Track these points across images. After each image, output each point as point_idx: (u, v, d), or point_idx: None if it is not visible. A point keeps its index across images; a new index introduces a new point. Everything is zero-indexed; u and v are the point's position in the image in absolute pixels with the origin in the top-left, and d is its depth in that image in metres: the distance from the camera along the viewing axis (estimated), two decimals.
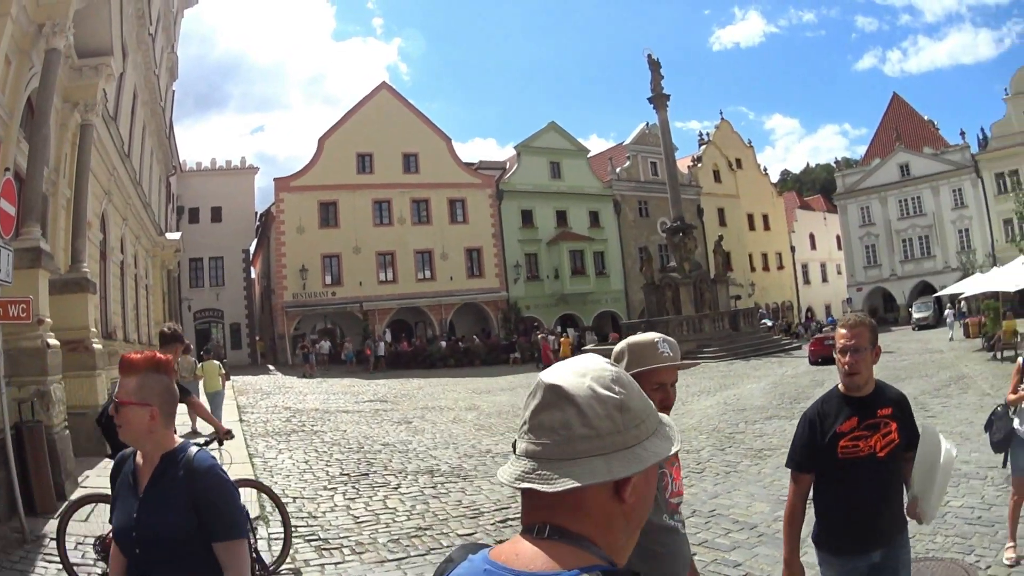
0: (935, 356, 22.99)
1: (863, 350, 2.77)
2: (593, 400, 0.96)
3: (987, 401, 12.38)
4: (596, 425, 0.95)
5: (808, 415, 2.90)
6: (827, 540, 2.86)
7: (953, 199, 48.43)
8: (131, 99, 19.41)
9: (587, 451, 0.94)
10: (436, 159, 38.79)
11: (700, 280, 33.66)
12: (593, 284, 42.21)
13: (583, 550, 0.93)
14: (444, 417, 15.08)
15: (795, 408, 13.46)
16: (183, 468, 2.06)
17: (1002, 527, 5.39)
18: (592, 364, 1.03)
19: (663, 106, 34.59)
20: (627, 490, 0.97)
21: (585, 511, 0.96)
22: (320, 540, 6.21)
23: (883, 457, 2.77)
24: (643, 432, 1.00)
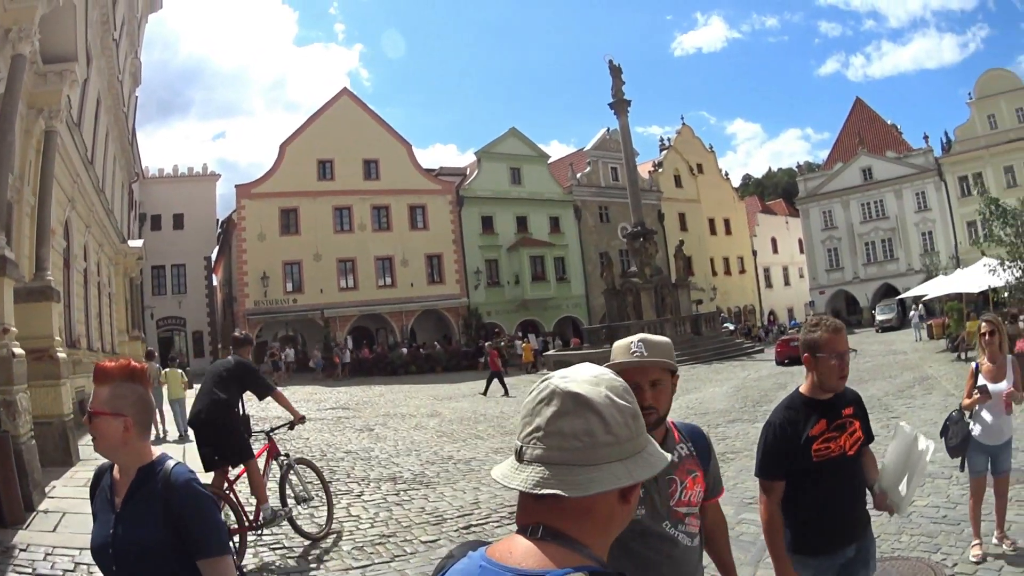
0: (899, 357, 23.83)
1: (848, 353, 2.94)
2: (613, 409, 1.05)
3: (951, 401, 13.08)
4: (617, 432, 1.04)
5: (774, 422, 2.96)
6: (804, 543, 2.91)
7: (916, 202, 51.09)
8: (95, 105, 19.82)
9: (608, 457, 1.03)
10: (396, 165, 40.25)
11: (661, 285, 34.80)
12: (554, 290, 43.92)
13: (574, 551, 1.01)
14: (406, 424, 15.57)
15: (758, 411, 13.99)
16: (160, 482, 2.05)
17: (968, 525, 5.63)
18: (602, 373, 1.12)
19: (624, 112, 35.65)
20: (633, 493, 1.08)
21: (591, 514, 1.04)
22: (284, 548, 6.42)
23: (852, 455, 2.93)
24: (646, 439, 1.11)
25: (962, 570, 5.07)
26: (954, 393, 13.71)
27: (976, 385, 5.22)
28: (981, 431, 5.20)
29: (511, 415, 16.49)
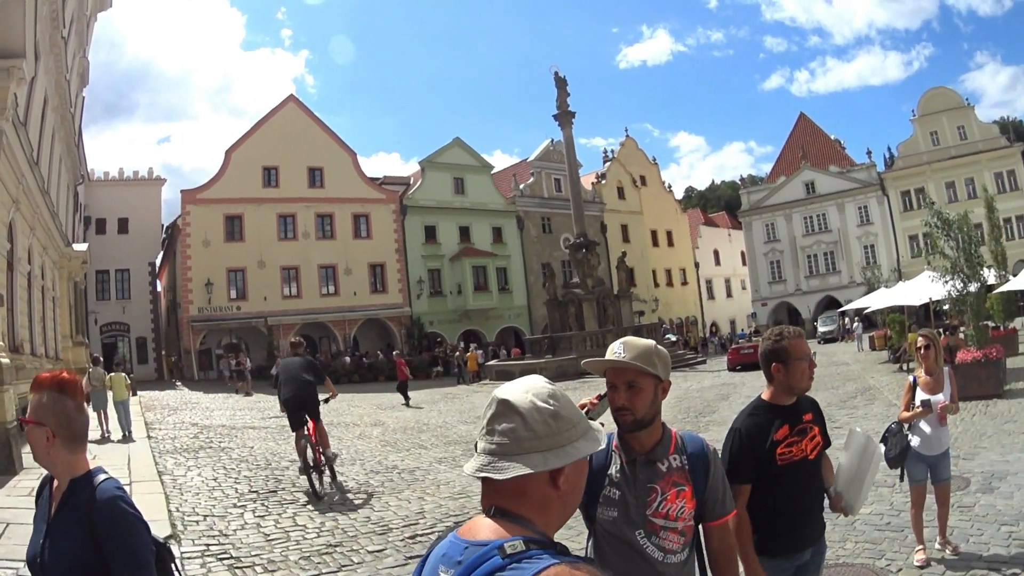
0: (841, 368, 25.76)
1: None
2: (534, 411, 1.43)
3: (893, 412, 14.49)
4: (536, 429, 1.41)
5: (740, 428, 3.24)
6: (766, 545, 3.16)
7: (859, 216, 57.18)
8: (41, 104, 20.45)
9: (529, 448, 1.40)
10: (341, 174, 44.04)
11: (603, 296, 37.55)
12: (496, 300, 48.05)
13: (519, 525, 1.37)
14: (350, 433, 16.62)
15: (701, 421, 15.08)
16: (87, 496, 2.15)
17: (910, 532, 6.17)
18: (535, 383, 1.52)
19: (568, 123, 38.84)
20: (560, 479, 1.43)
21: (526, 495, 1.42)
22: (232, 558, 6.84)
23: (814, 459, 3.26)
24: (573, 435, 1.46)
25: (907, 575, 5.55)
26: (896, 404, 15.03)
27: (914, 398, 5.83)
28: (920, 442, 5.74)
29: (454, 424, 18.07)
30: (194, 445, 14.25)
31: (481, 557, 1.28)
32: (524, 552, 1.26)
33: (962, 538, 6.13)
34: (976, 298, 17.46)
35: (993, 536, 6.20)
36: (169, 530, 7.59)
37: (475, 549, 1.31)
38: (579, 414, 1.52)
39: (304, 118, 43.71)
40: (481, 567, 1.26)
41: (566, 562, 1.24)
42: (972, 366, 14.75)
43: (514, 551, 1.26)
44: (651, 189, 61.36)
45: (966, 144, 52.62)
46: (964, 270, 17.17)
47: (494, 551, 1.27)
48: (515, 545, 1.28)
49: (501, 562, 1.24)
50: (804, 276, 58.87)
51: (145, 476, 10.59)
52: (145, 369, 39.17)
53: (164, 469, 11.41)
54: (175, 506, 8.88)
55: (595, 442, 1.51)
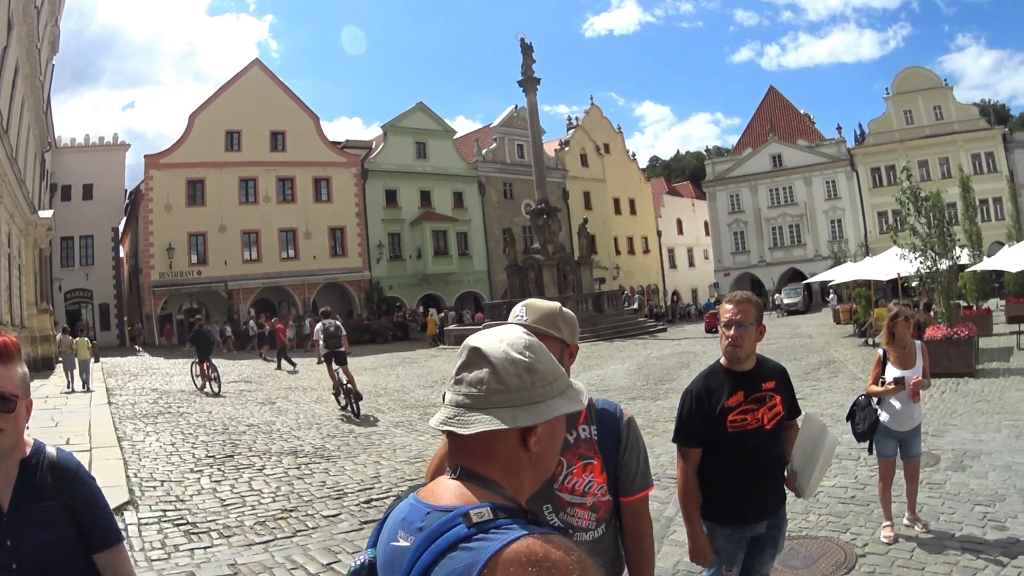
0: (804, 341, 27.61)
1: (747, 325, 3.44)
2: (507, 361, 1.41)
3: (858, 385, 14.73)
4: (507, 382, 1.39)
5: (693, 391, 3.51)
6: (715, 511, 3.46)
7: (826, 190, 62.06)
8: (12, 73, 21.57)
9: (498, 403, 1.37)
10: (303, 137, 47.64)
11: (564, 262, 40.23)
12: (456, 264, 52.34)
13: (487, 490, 1.35)
14: (307, 397, 17.80)
15: (660, 389, 15.99)
16: (48, 473, 2.07)
17: (877, 506, 6.53)
18: (511, 332, 1.50)
19: (533, 90, 41.42)
20: (532, 439, 1.40)
21: (494, 455, 1.39)
22: (188, 524, 7.23)
23: (770, 429, 3.48)
24: (549, 392, 1.44)
25: (873, 550, 5.83)
26: (861, 377, 15.95)
27: (884, 372, 6.13)
28: (890, 418, 6.04)
29: (412, 389, 19.30)
30: (153, 411, 15.52)
31: (444, 524, 1.27)
32: (491, 521, 1.25)
33: (932, 516, 6.48)
34: (947, 276, 18.42)
35: (966, 515, 6.52)
36: (127, 496, 8.06)
37: (438, 515, 1.30)
38: (558, 370, 1.51)
39: (268, 82, 47.10)
40: (444, 536, 1.25)
41: (537, 533, 1.22)
42: (942, 343, 15.80)
43: (480, 519, 1.25)
44: (615, 157, 65.96)
45: (942, 124, 57.17)
46: (935, 248, 18.16)
47: (458, 518, 1.26)
48: (481, 513, 1.26)
49: (466, 531, 1.23)
50: (768, 248, 63.69)
51: (105, 442, 11.25)
52: (108, 336, 42.60)
53: (124, 435, 12.12)
54: (133, 472, 9.49)
55: (574, 402, 1.51)
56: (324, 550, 6.54)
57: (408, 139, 51.91)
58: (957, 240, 19.53)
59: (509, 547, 1.18)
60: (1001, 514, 6.52)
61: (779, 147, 63.26)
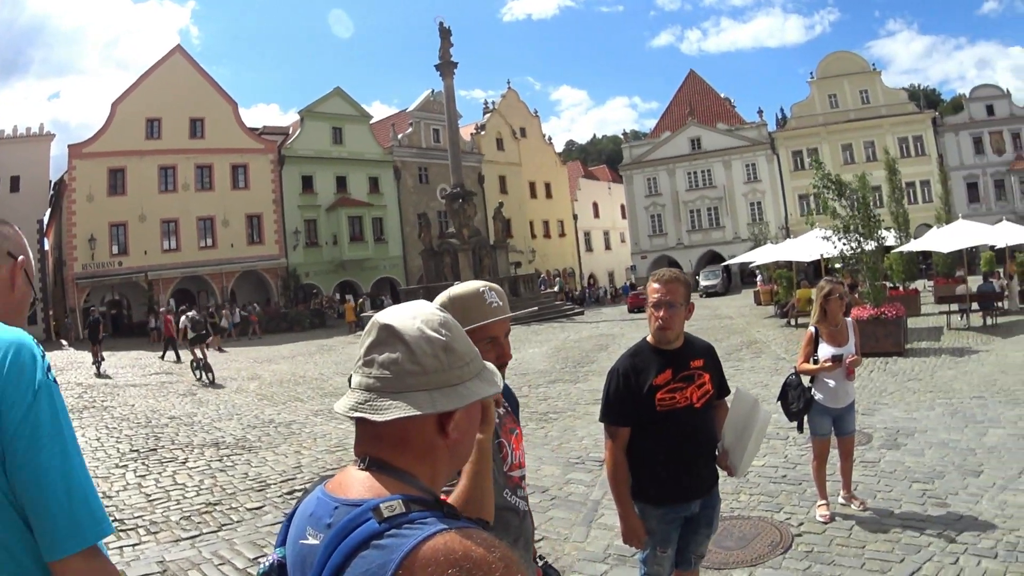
0: (725, 322, 29.78)
1: (676, 306, 3.73)
2: (422, 340, 1.41)
3: (782, 364, 16.34)
4: (423, 363, 1.40)
5: (619, 369, 3.81)
6: (647, 491, 3.76)
7: (746, 173, 68.78)
8: None
9: (414, 386, 1.38)
10: (221, 124, 52.07)
11: (479, 246, 43.98)
12: (372, 250, 57.58)
13: (399, 481, 1.37)
14: (227, 388, 19.03)
15: (579, 371, 16.99)
16: None
17: (809, 485, 7.23)
18: (424, 308, 1.52)
19: (450, 74, 46.02)
20: (451, 425, 1.43)
21: (408, 443, 1.41)
22: (116, 521, 7.68)
23: (700, 408, 3.80)
24: (466, 373, 1.46)
25: (809, 529, 6.41)
26: (784, 357, 17.33)
27: (816, 350, 6.72)
28: (824, 395, 6.66)
29: (330, 376, 20.55)
30: (79, 405, 16.43)
31: (354, 520, 1.27)
32: (404, 515, 1.25)
33: (868, 494, 7.04)
34: (872, 257, 19.79)
35: (904, 493, 7.08)
36: None
37: (346, 509, 1.31)
38: (473, 350, 1.53)
39: (188, 68, 51.22)
40: (354, 533, 1.25)
41: (456, 528, 1.23)
42: (869, 323, 17.24)
43: (392, 513, 1.25)
44: (531, 141, 72.69)
45: (868, 108, 64.00)
46: (859, 229, 19.38)
47: (368, 513, 1.26)
48: (393, 506, 1.27)
49: (377, 527, 1.23)
50: (686, 230, 70.23)
51: None
52: (35, 330, 45.20)
53: None
54: None
55: (491, 384, 1.53)
56: (250, 544, 7.00)
57: (325, 124, 56.80)
58: (882, 222, 21.17)
59: (425, 544, 1.18)
60: (941, 491, 7.09)
61: (698, 130, 69.76)
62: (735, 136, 68.81)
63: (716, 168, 69.17)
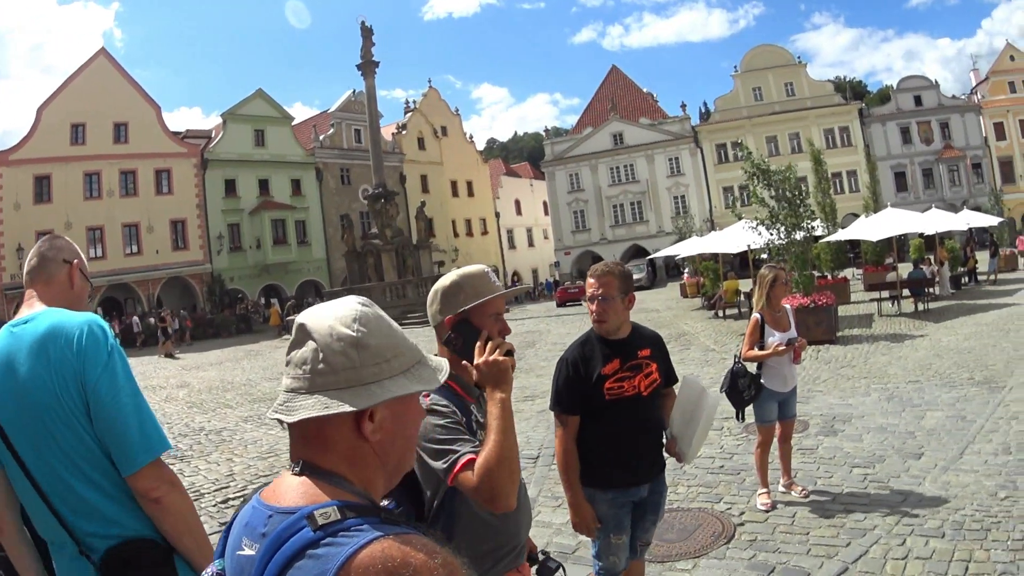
0: (651, 315, 30.97)
1: (610, 298, 4.08)
2: (330, 338, 1.48)
3: (711, 356, 17.48)
4: (331, 361, 1.47)
5: (568, 359, 4.20)
6: (595, 476, 4.13)
7: (669, 167, 74.19)
8: None
9: (323, 386, 1.45)
10: (145, 128, 55.21)
11: (402, 246, 47.02)
12: (295, 253, 61.40)
13: (333, 486, 1.42)
14: (156, 396, 19.17)
15: None
16: None
17: (748, 474, 7.77)
18: (345, 304, 1.58)
19: (371, 73, 49.42)
20: (367, 426, 1.47)
21: (331, 446, 1.47)
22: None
23: (647, 396, 4.19)
24: (385, 371, 1.51)
25: (751, 518, 6.83)
26: (713, 348, 18.37)
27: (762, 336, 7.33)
28: (771, 381, 7.28)
29: (258, 382, 21.16)
30: None
31: (288, 529, 1.31)
32: (339, 522, 1.30)
33: (808, 480, 7.69)
34: (801, 247, 21.04)
35: (846, 478, 7.73)
36: None
37: (280, 518, 1.35)
38: (400, 346, 1.57)
39: (113, 72, 54.28)
40: (289, 542, 1.29)
41: (393, 534, 1.27)
42: (800, 312, 17.27)
43: (327, 520, 1.30)
44: (452, 140, 77.84)
45: (793, 100, 70.16)
46: (786, 219, 20.45)
47: (302, 521, 1.30)
48: (328, 513, 1.31)
49: (312, 536, 1.27)
50: (610, 225, 75.43)
51: None
52: None
53: None
54: None
55: (421, 381, 1.58)
56: None
57: (247, 127, 60.47)
58: (810, 212, 22.13)
59: (361, 552, 1.22)
60: (883, 474, 7.62)
61: (620, 125, 75.11)
62: (658, 130, 74.22)
63: (639, 163, 74.49)
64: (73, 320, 2.71)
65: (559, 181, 77.67)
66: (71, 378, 2.59)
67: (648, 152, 74.16)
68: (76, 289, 3.08)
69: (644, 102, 79.61)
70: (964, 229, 34.21)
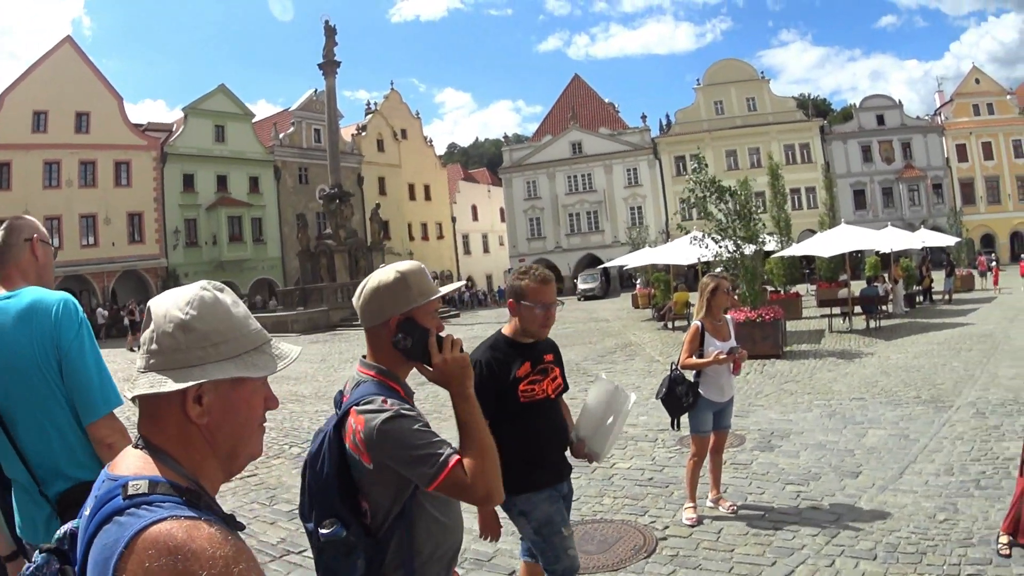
0: (601, 325, 32.34)
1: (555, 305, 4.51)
2: (163, 319, 1.63)
3: (655, 367, 17.93)
4: (160, 342, 1.61)
5: (483, 361, 4.41)
6: (527, 480, 4.32)
7: (627, 178, 78.15)
8: None
9: (154, 365, 1.62)
10: (106, 119, 57.69)
11: (356, 248, 48.92)
12: (250, 251, 64.58)
13: (160, 462, 1.55)
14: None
15: None
16: None
17: (676, 488, 7.90)
18: (186, 288, 1.73)
19: (332, 73, 51.82)
20: (193, 409, 1.59)
21: (162, 425, 1.61)
22: None
23: (554, 399, 4.61)
24: (211, 355, 1.62)
25: (675, 533, 7.00)
26: (658, 359, 18.80)
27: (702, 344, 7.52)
28: (709, 390, 7.50)
29: None
30: None
31: (107, 494, 1.47)
32: (145, 495, 1.43)
33: (739, 496, 7.85)
34: (752, 261, 21.48)
35: (777, 495, 7.90)
36: None
37: (108, 484, 1.51)
38: (237, 331, 1.70)
39: (77, 61, 56.67)
40: (105, 507, 1.44)
41: (183, 517, 1.37)
42: (746, 326, 18.51)
43: (136, 492, 1.43)
44: (412, 143, 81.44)
45: (755, 115, 74.01)
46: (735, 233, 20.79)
47: (118, 489, 1.46)
48: (139, 485, 1.45)
49: (121, 503, 1.42)
50: (565, 234, 79.62)
51: None
52: None
53: None
54: None
55: (250, 368, 1.68)
56: None
57: (208, 122, 63.36)
58: (762, 226, 22.80)
59: (151, 528, 1.34)
60: (817, 492, 7.94)
61: (580, 135, 79.14)
62: (617, 141, 78.22)
63: (597, 172, 78.51)
64: (51, 297, 3.37)
65: (516, 188, 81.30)
66: (48, 342, 3.24)
67: (606, 162, 78.05)
68: (41, 260, 3.72)
69: (605, 112, 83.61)
70: (920, 248, 36.16)
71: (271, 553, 7.18)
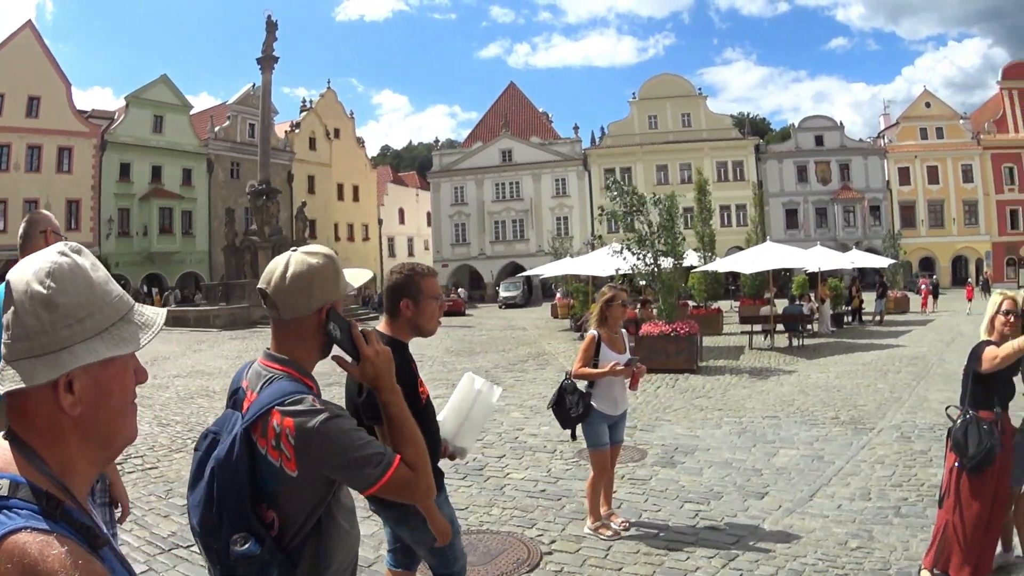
0: (518, 333, 33.55)
1: None
2: (25, 297, 1.47)
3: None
4: (25, 324, 1.46)
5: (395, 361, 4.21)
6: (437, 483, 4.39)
7: (555, 188, 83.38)
8: None
9: (19, 352, 1.46)
10: (54, 104, 61.35)
11: (280, 245, 48.41)
12: (179, 243, 68.87)
13: (25, 460, 1.44)
14: None
15: None
16: None
17: (568, 501, 8.22)
18: (43, 255, 1.54)
19: (269, 68, 54.44)
20: (65, 399, 1.47)
21: (30, 419, 1.48)
22: None
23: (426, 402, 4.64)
24: (76, 333, 1.49)
25: (562, 547, 7.14)
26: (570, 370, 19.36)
27: (597, 354, 7.70)
28: (602, 402, 7.69)
29: None
30: None
31: None
32: (4, 499, 1.36)
33: (633, 512, 7.98)
34: (670, 275, 21.87)
35: (674, 513, 8.04)
36: None
37: None
38: (100, 300, 1.58)
39: (35, 45, 60.33)
40: None
41: (40, 530, 1.30)
42: (659, 339, 19.28)
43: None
44: (344, 143, 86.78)
45: (689, 131, 78.87)
46: (655, 245, 21.15)
47: None
48: (1, 486, 1.37)
49: None
50: (490, 241, 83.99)
51: None
52: None
53: None
54: None
55: (120, 344, 1.58)
56: None
57: (147, 112, 67.58)
58: (683, 240, 23.44)
59: (10, 538, 1.28)
60: (717, 512, 8.07)
61: (511, 143, 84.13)
62: (548, 151, 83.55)
63: (525, 181, 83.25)
64: None
65: (444, 193, 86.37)
66: None
67: (536, 171, 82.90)
68: None
69: (538, 121, 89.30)
70: (850, 268, 38.24)
71: (160, 546, 7.58)
